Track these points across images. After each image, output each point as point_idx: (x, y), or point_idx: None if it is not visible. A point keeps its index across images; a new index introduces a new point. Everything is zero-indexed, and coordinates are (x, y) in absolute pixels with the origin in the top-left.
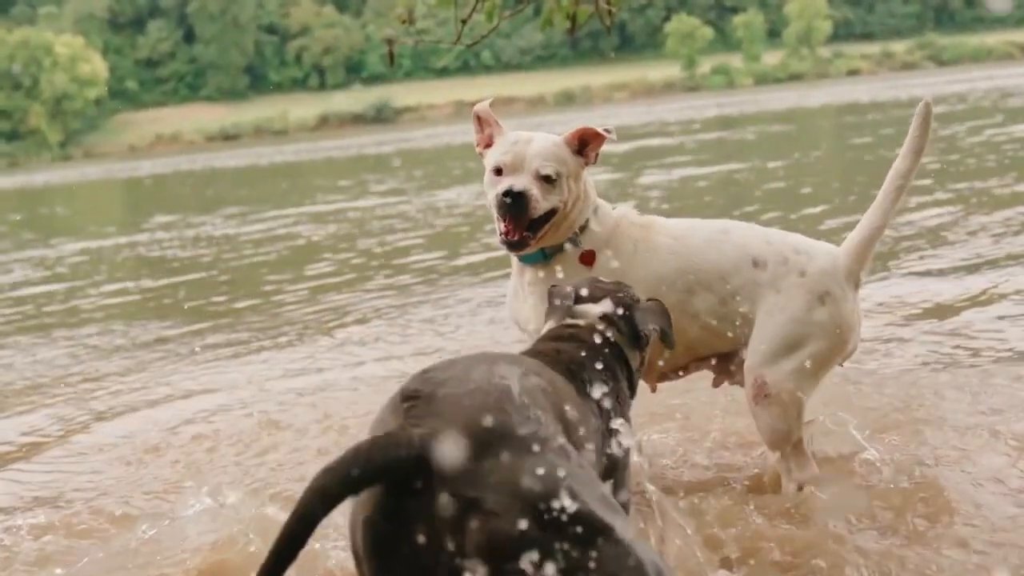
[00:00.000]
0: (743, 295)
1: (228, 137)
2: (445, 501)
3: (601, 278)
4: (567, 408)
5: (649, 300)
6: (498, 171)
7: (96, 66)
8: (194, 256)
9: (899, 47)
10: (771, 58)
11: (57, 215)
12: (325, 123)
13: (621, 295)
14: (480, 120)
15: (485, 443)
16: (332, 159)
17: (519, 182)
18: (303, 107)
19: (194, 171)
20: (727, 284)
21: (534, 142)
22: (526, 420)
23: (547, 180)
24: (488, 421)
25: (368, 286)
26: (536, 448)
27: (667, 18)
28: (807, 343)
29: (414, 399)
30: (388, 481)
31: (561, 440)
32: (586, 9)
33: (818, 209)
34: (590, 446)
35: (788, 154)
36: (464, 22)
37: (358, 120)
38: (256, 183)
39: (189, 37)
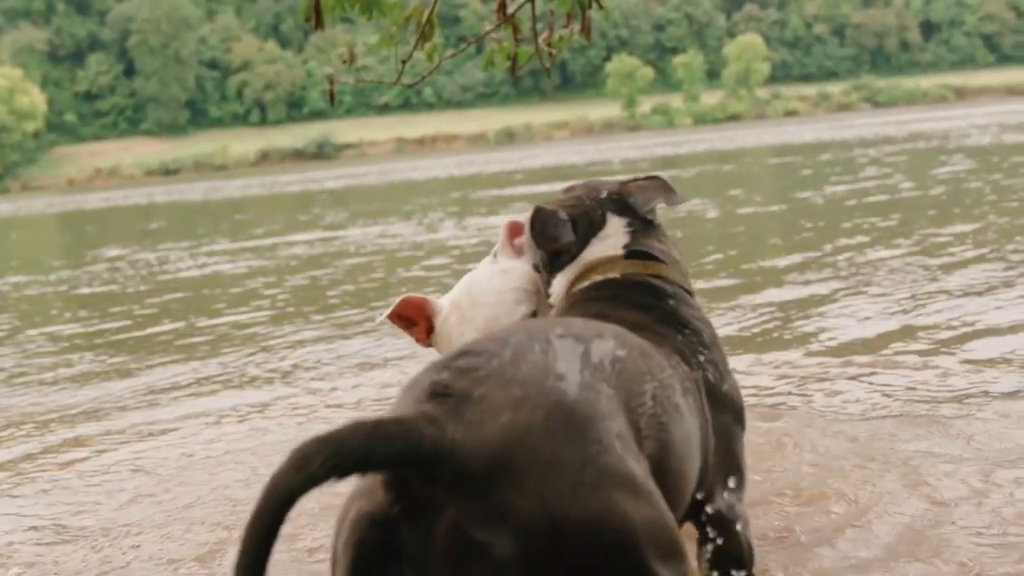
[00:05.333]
0: None
1: (168, 172)
2: (447, 531)
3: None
4: (649, 388)
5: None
6: None
7: (34, 99)
8: (131, 291)
9: (836, 89)
10: (710, 98)
11: None
12: (266, 158)
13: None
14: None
15: (517, 473)
16: (273, 195)
17: None
18: (244, 142)
19: (134, 205)
20: None
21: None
22: (578, 438)
23: None
24: (526, 445)
25: (305, 321)
26: (578, 482)
27: (608, 58)
28: None
29: (443, 396)
30: (387, 476)
31: (616, 455)
32: (526, 50)
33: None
34: (684, 436)
35: (724, 193)
36: (404, 62)
37: (299, 156)
38: (196, 218)
39: (129, 71)
